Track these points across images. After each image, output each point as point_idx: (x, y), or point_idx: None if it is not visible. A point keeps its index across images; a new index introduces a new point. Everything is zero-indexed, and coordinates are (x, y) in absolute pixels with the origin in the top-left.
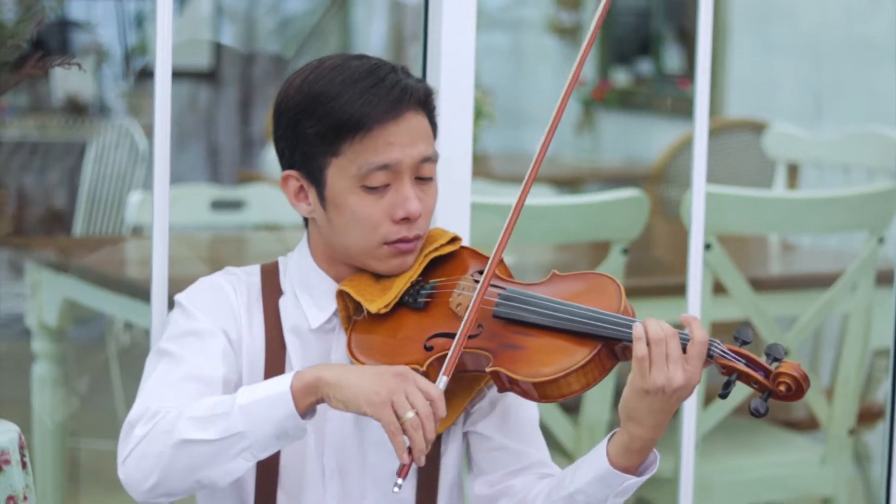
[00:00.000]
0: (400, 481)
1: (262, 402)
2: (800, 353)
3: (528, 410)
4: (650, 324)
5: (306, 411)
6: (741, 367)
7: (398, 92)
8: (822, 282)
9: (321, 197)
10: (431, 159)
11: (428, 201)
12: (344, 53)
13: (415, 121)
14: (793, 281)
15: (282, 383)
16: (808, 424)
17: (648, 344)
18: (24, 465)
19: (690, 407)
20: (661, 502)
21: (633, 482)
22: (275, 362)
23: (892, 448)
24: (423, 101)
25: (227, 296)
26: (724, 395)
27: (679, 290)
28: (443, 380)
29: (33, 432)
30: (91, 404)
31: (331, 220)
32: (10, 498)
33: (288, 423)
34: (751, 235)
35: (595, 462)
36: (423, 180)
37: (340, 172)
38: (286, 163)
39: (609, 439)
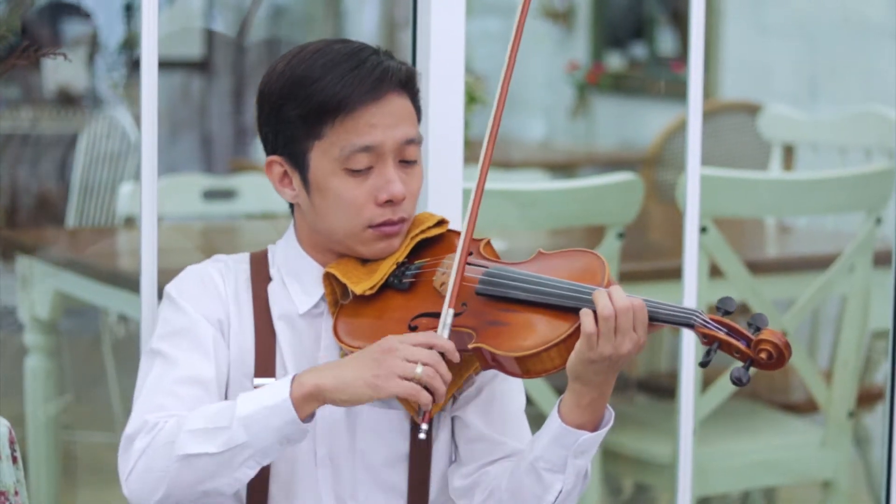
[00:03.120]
0: (424, 426)
1: (263, 412)
2: (798, 335)
3: (514, 400)
4: (599, 298)
5: (307, 416)
6: (722, 335)
7: (379, 73)
8: (819, 263)
9: (305, 181)
10: (415, 141)
11: (412, 184)
12: (327, 39)
13: (397, 102)
14: (790, 263)
15: (280, 391)
16: (807, 407)
17: (597, 319)
18: (14, 459)
19: (688, 392)
20: (660, 487)
21: (588, 437)
22: (265, 349)
23: (892, 430)
24: (405, 83)
25: (216, 283)
26: (704, 364)
27: (675, 274)
28: (449, 313)
29: (27, 426)
30: (85, 397)
31: (315, 204)
32: (1, 493)
33: (289, 429)
34: (747, 218)
35: (549, 425)
36: (407, 163)
37: (323, 155)
38: (269, 148)
39: (559, 402)
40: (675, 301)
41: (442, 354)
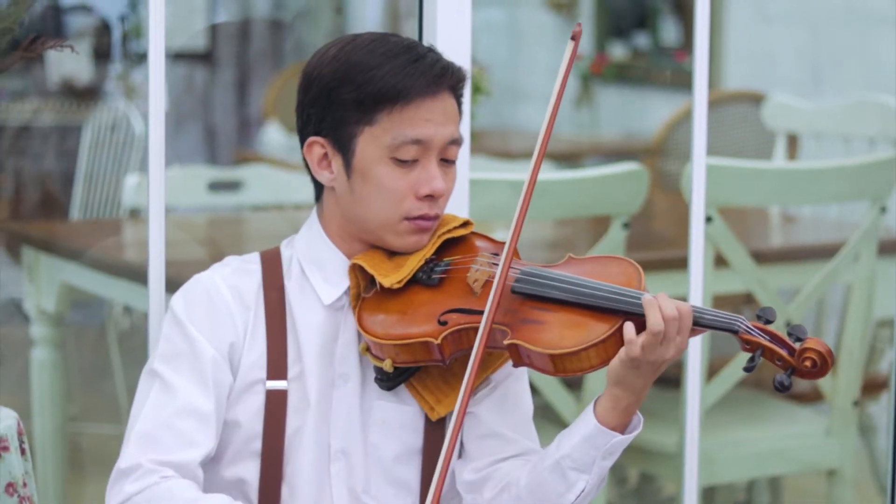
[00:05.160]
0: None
1: None
2: (803, 324)
3: (526, 401)
4: (649, 308)
5: None
6: (765, 342)
7: (439, 69)
8: (823, 253)
9: (347, 165)
10: (458, 142)
11: (449, 183)
12: (378, 31)
13: (449, 101)
14: (794, 252)
15: None
16: (812, 396)
17: (645, 328)
18: (22, 451)
19: (694, 381)
20: (666, 477)
21: (620, 440)
22: (277, 351)
23: None
24: (457, 85)
25: (225, 301)
26: (749, 369)
27: (680, 264)
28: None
29: (33, 418)
30: (92, 389)
31: (354, 190)
32: (10, 485)
33: None
34: (751, 207)
35: (582, 424)
36: (447, 162)
37: (372, 142)
38: (312, 129)
39: (595, 402)
40: (682, 292)
41: None
